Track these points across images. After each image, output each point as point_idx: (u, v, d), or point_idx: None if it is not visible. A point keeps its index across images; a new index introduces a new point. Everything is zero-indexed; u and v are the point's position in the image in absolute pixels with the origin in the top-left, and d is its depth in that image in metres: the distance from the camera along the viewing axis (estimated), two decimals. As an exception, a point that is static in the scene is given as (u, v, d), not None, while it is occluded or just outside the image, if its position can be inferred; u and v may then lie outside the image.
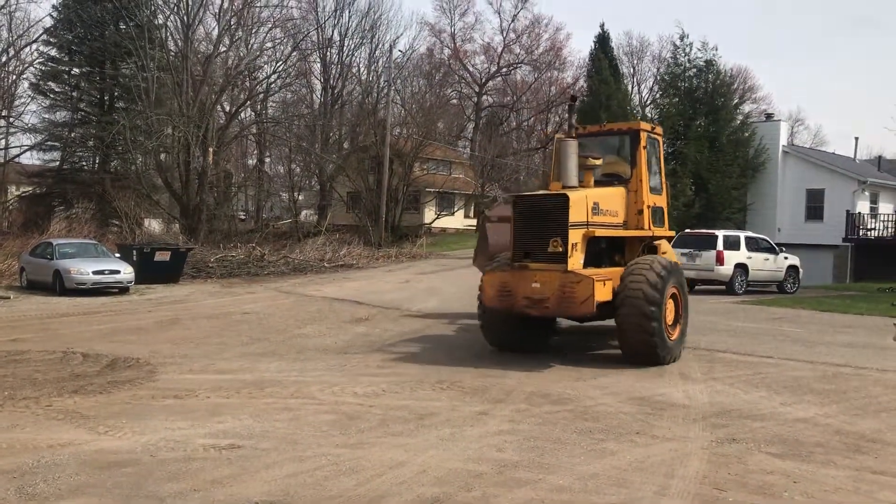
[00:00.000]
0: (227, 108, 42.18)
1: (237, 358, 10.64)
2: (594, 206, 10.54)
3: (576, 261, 10.23)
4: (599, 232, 10.55)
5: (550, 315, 10.44)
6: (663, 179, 12.11)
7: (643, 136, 11.53)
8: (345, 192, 46.23)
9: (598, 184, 11.30)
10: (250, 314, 15.47)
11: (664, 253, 11.63)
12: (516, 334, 11.14)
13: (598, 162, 11.29)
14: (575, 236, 10.19)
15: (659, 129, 12.08)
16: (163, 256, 22.46)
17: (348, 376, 9.38)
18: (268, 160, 53.88)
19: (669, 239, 12.00)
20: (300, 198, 50.33)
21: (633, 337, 10.17)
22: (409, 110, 48.36)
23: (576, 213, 10.17)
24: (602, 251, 10.98)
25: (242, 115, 44.85)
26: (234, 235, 35.75)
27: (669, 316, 10.51)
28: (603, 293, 10.05)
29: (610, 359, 10.88)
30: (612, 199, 11.05)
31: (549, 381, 9.20)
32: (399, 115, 48.70)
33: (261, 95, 43.59)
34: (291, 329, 13.50)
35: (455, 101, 61.54)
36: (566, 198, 10.18)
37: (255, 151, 51.95)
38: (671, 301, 10.55)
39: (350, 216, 44.73)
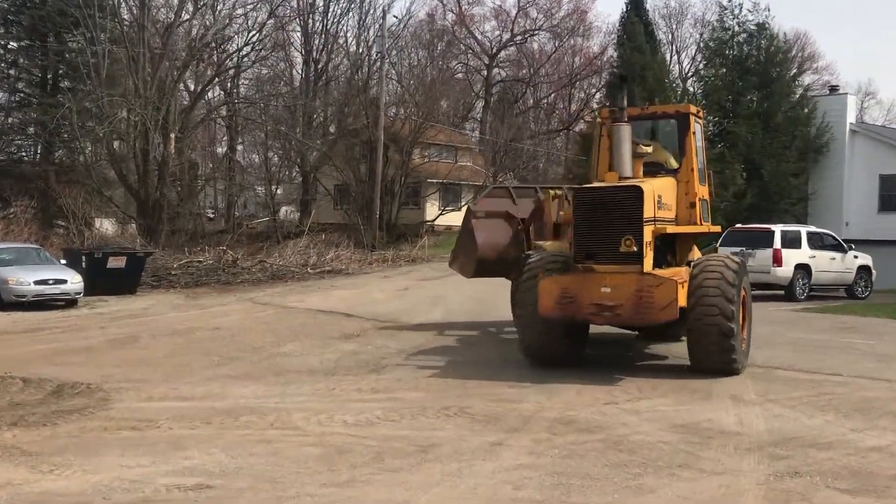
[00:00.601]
0: (192, 87, 42.33)
1: (205, 382, 10.66)
2: (658, 199, 10.96)
3: (650, 261, 10.59)
4: (669, 228, 11.02)
5: (622, 323, 10.93)
6: (706, 168, 12.50)
7: (692, 120, 11.93)
8: (331, 184, 46.32)
9: (645, 174, 11.69)
10: (221, 330, 15.49)
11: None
12: (561, 346, 11.42)
13: (650, 149, 11.73)
14: (648, 234, 10.57)
15: (702, 112, 12.47)
16: (117, 263, 22.52)
17: (337, 402, 9.38)
18: (240, 148, 54.04)
19: (716, 236, 12.32)
20: (279, 192, 50.48)
21: (711, 343, 10.66)
22: (407, 87, 48.47)
23: (647, 208, 10.59)
24: (657, 249, 11.23)
25: (210, 94, 45.03)
26: (201, 237, 35.84)
27: (740, 320, 11.02)
28: (683, 297, 10.45)
29: (646, 375, 10.89)
30: (668, 191, 11.51)
31: (574, 405, 9.20)
32: (395, 92, 48.82)
33: (231, 71, 43.73)
34: (269, 347, 13.52)
35: (461, 75, 61.76)
36: (640, 190, 10.61)
37: (226, 138, 52.11)
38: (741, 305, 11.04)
39: (338, 213, 44.82)
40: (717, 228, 11.98)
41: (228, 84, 45.80)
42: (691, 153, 11.91)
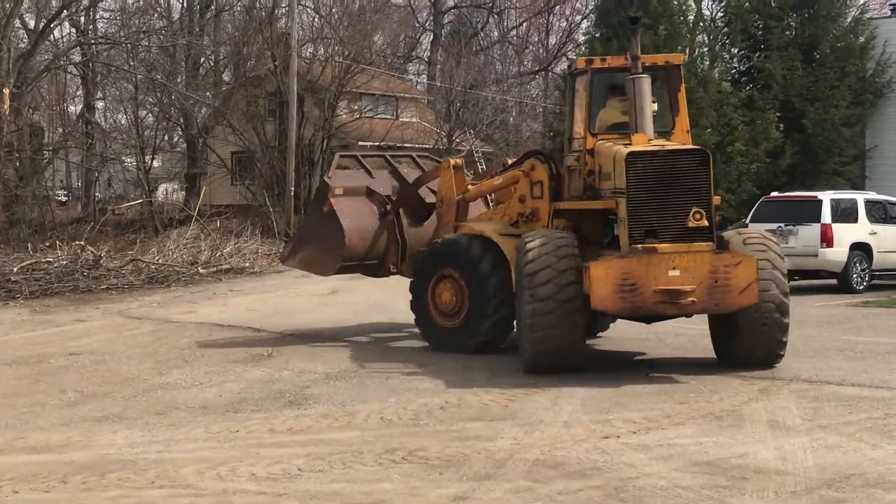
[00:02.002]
0: (32, 25, 41.64)
1: (62, 427, 10.51)
2: None
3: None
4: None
5: (694, 312, 12.23)
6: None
7: (682, 73, 13.56)
8: (227, 152, 45.97)
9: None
10: (81, 355, 15.30)
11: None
12: (581, 348, 12.58)
13: (655, 106, 13.11)
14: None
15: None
16: (-66, 267, 22.12)
17: (243, 449, 9.32)
18: (101, 106, 53.35)
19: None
20: (156, 164, 49.91)
21: (761, 343, 12.37)
22: (328, 18, 48.24)
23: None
24: None
25: (57, 34, 44.37)
26: (50, 229, 35.39)
27: None
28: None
29: (655, 394, 11.00)
30: None
31: (563, 441, 9.25)
32: (311, 25, 48.59)
33: (85, 1, 43.11)
34: (148, 377, 13.39)
35: (400, 0, 61.63)
36: (706, 154, 12.22)
37: (80, 92, 51.35)
38: None
39: (237, 191, 44.50)
40: (717, 199, 12.80)
41: (82, 18, 45.19)
42: (685, 111, 13.36)
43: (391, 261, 16.36)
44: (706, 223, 11.87)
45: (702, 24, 36.94)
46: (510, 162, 15.77)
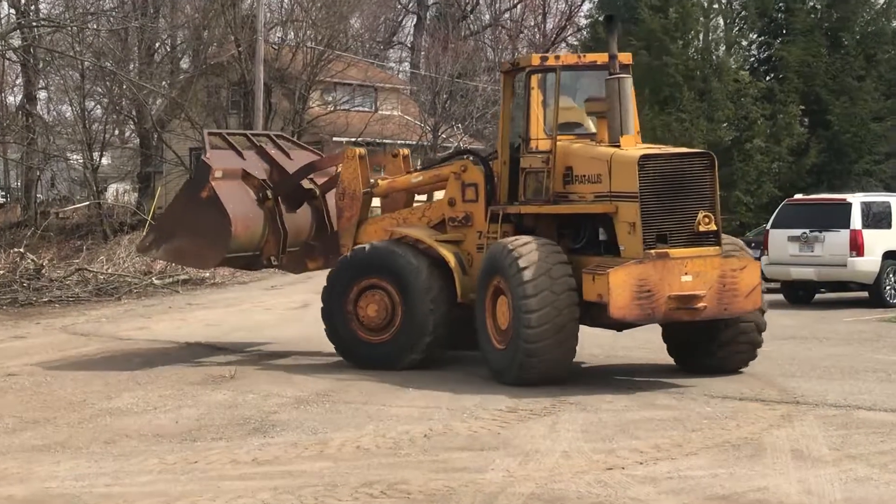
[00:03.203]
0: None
1: (-3, 457, 10.49)
2: None
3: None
4: None
5: (705, 318, 13.01)
6: None
7: (630, 72, 14.35)
8: (185, 148, 45.93)
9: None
10: (20, 376, 15.24)
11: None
12: (571, 356, 13.49)
13: (606, 107, 13.95)
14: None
15: None
16: None
17: (201, 481, 9.29)
18: (43, 96, 53.19)
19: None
20: (104, 162, 49.79)
21: (744, 346, 13.81)
22: (298, -1, 48.28)
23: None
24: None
25: (-7, 14, 44.22)
26: (-16, 235, 35.27)
27: None
28: None
29: (663, 420, 10.97)
30: None
31: (561, 473, 9.23)
32: (280, 7, 48.60)
33: (26, -22, 43.05)
34: (95, 401, 13.34)
35: (380, -22, 61.65)
36: (713, 158, 13.32)
37: (20, 81, 51.20)
38: None
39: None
40: None
41: (22, -1, 45.10)
42: (635, 112, 14.04)
43: (270, 252, 16.33)
44: (714, 227, 12.93)
45: (716, 6, 37.09)
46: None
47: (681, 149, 13.99)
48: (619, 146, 13.39)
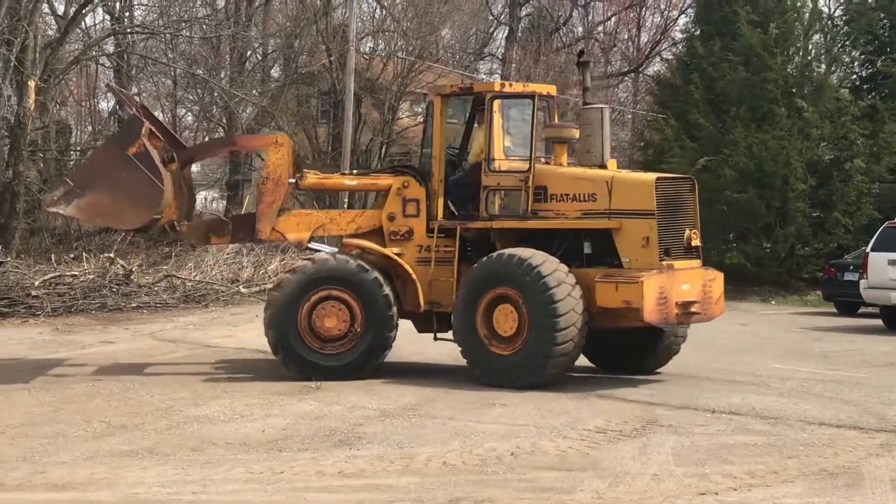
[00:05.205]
0: (61, 10, 42.22)
1: (86, 461, 10.59)
2: None
3: None
4: None
5: (693, 322, 15.24)
6: None
7: (553, 103, 16.82)
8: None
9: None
10: (108, 382, 15.45)
11: None
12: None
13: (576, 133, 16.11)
14: None
15: None
16: (-52, 278, 22.48)
17: (287, 492, 9.34)
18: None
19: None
20: (194, 169, 50.19)
21: (674, 349, 15.92)
22: (391, 8, 48.51)
23: None
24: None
25: (88, 21, 44.98)
26: (75, 239, 35.78)
27: None
28: None
29: (758, 444, 10.85)
30: None
31: (652, 496, 9.16)
32: (372, 16, 48.85)
33: (121, -15, 43.74)
34: (182, 408, 13.48)
35: (472, -11, 61.76)
36: (694, 181, 15.75)
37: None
38: None
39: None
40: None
41: (117, 5, 45.82)
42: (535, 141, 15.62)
43: (174, 217, 15.97)
44: (699, 242, 15.21)
45: (818, 22, 36.60)
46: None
47: (677, 174, 16.97)
48: (606, 168, 15.42)
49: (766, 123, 33.49)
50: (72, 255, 30.96)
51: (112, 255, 29.85)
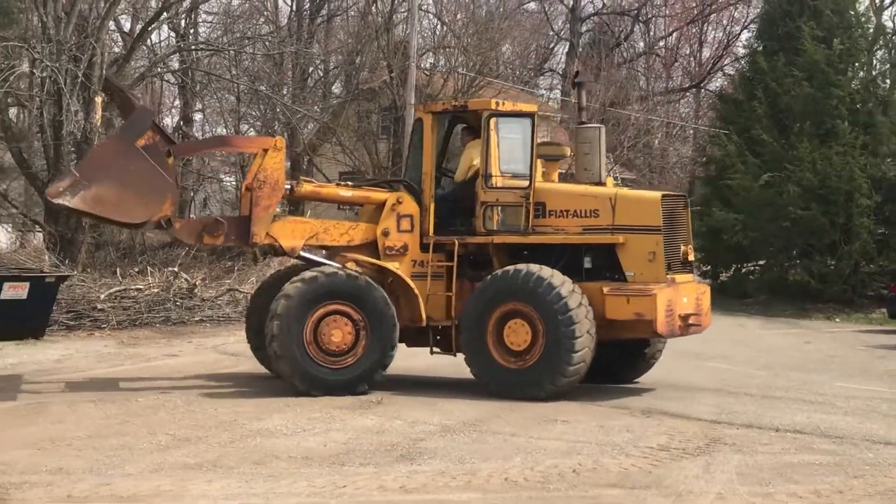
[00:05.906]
0: (128, 27, 42.74)
1: (151, 473, 10.71)
2: None
3: None
4: None
5: (690, 333, 15.80)
6: None
7: (535, 121, 16.38)
8: (335, 172, 46.51)
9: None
10: (172, 394, 15.61)
11: None
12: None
13: (569, 151, 17.04)
14: None
15: None
16: (15, 292, 22.75)
17: (350, 507, 9.41)
18: (199, 118, 54.44)
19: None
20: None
21: (654, 360, 16.67)
22: (451, 24, 48.66)
23: None
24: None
25: (154, 38, 45.49)
26: (140, 253, 36.09)
27: None
28: None
29: (822, 464, 10.79)
30: None
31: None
32: (433, 32, 49.01)
33: (186, 3, 44.21)
34: (246, 421, 13.60)
35: (533, 5, 61.88)
36: (686, 198, 16.85)
37: (178, 103, 52.57)
38: None
39: (345, 215, 44.75)
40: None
41: (182, 22, 46.30)
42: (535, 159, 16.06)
43: (166, 210, 15.59)
44: (692, 258, 16.00)
45: (882, 38, 36.23)
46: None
47: (675, 192, 17.98)
48: (604, 185, 16.01)
49: (830, 139, 33.24)
50: (136, 269, 31.25)
51: (176, 269, 30.15)
